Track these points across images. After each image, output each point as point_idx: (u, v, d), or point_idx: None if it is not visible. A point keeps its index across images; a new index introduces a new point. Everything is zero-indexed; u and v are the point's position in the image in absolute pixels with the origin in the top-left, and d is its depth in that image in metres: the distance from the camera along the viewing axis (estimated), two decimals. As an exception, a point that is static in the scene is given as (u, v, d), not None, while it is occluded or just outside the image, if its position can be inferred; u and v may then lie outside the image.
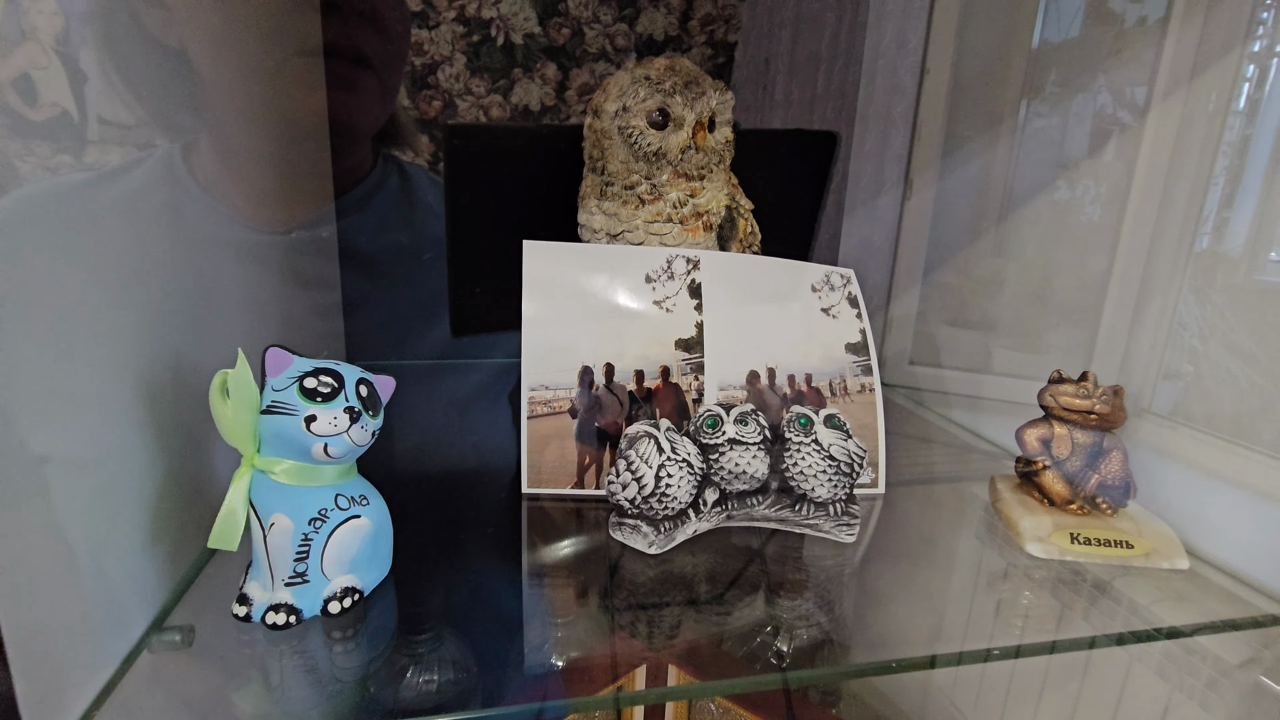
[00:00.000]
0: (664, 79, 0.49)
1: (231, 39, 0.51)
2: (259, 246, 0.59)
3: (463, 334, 0.72)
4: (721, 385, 0.51)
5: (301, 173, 0.67)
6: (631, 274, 0.51)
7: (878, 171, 0.94)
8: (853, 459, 0.44)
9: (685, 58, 0.52)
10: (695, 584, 0.41)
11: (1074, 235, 0.66)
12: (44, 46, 0.34)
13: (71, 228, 0.32)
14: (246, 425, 0.34)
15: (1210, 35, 0.53)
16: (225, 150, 0.51)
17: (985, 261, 0.76)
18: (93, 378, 0.34)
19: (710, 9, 1.19)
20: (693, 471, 0.43)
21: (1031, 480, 0.48)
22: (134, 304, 0.37)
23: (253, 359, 0.39)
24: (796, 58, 1.12)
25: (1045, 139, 0.70)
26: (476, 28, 1.11)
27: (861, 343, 0.54)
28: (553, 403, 0.49)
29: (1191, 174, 0.54)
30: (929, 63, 0.83)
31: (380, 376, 0.39)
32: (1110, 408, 0.47)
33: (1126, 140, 0.60)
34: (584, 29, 1.14)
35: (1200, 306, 0.54)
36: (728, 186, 0.55)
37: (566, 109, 1.19)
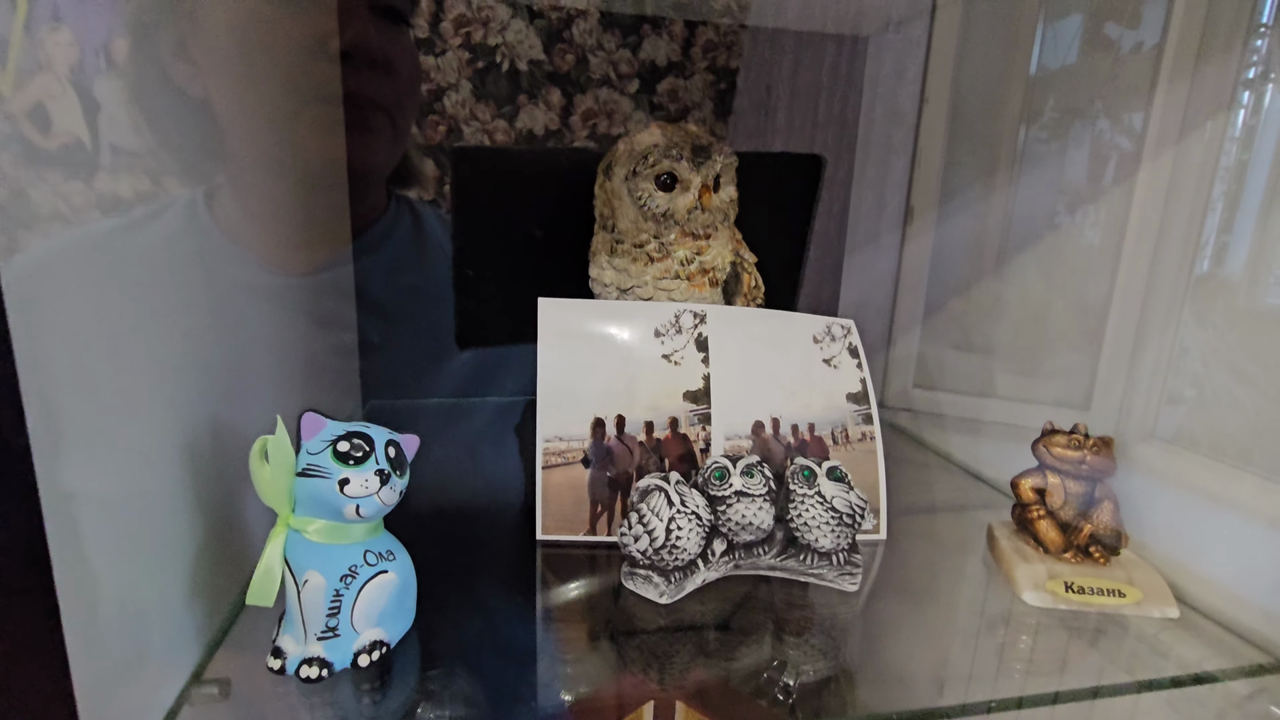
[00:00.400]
0: (672, 145, 0.52)
1: (252, 88, 0.54)
2: (280, 290, 0.61)
3: (468, 346, 0.74)
4: (728, 435, 0.53)
5: (320, 216, 0.70)
6: (641, 329, 0.54)
7: (879, 199, 0.95)
8: (854, 510, 0.46)
9: (691, 123, 0.55)
10: (704, 630, 0.43)
11: (1074, 260, 0.66)
12: (59, 76, 0.36)
13: (105, 280, 0.34)
14: (284, 487, 0.37)
15: (1205, 61, 0.55)
16: (246, 196, 0.54)
17: (987, 286, 0.77)
18: (136, 434, 0.36)
19: (712, 36, 1.22)
20: (701, 523, 0.45)
21: (1027, 528, 0.50)
22: (169, 359, 0.39)
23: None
24: (797, 85, 1.15)
25: (1044, 165, 0.71)
26: (482, 55, 1.14)
27: (862, 392, 0.56)
28: (566, 453, 0.51)
29: (1190, 199, 0.55)
30: (928, 92, 0.85)
31: (405, 436, 0.41)
32: (1101, 458, 0.49)
33: (1125, 165, 0.61)
34: (588, 56, 1.17)
35: (1201, 330, 0.54)
36: (732, 243, 0.57)
37: (571, 134, 1.21)
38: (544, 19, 1.14)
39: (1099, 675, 0.40)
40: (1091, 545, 0.48)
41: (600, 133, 1.21)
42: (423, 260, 0.82)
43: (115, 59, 0.38)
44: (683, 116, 1.25)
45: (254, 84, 0.55)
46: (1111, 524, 0.48)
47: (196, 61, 0.46)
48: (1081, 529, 0.48)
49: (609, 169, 0.55)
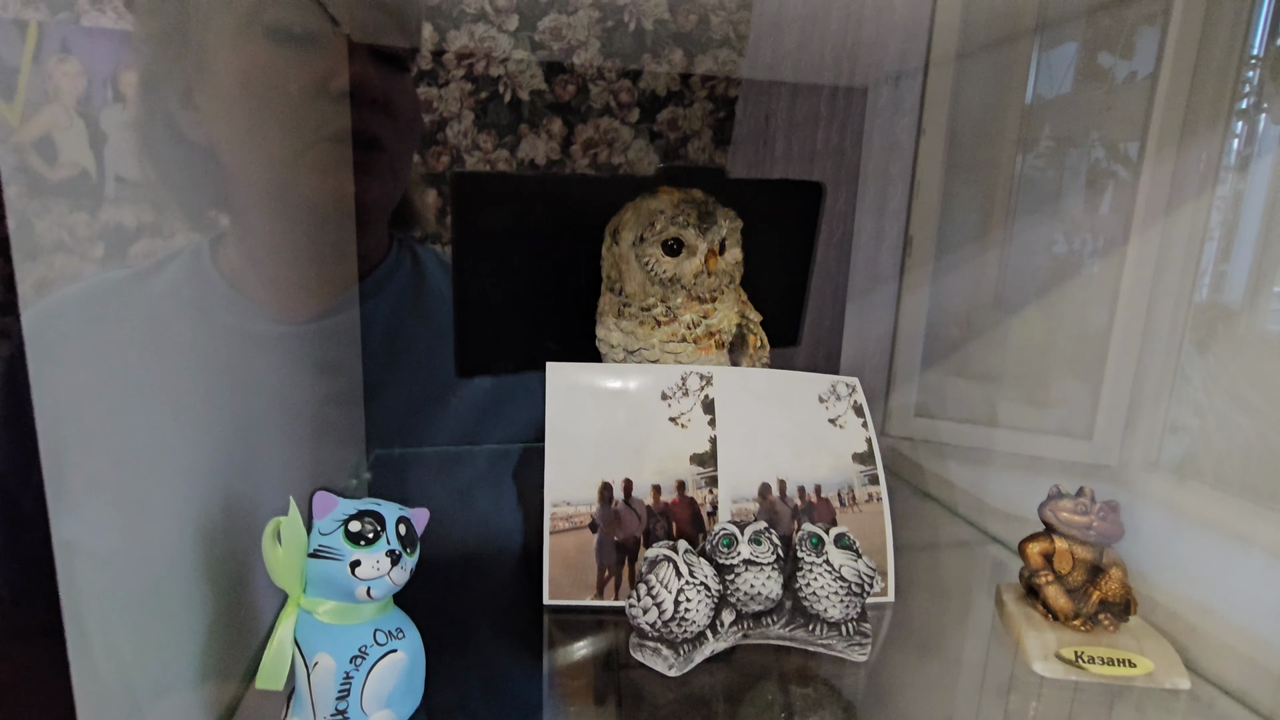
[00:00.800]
0: (678, 211, 0.53)
1: (255, 131, 0.55)
2: (285, 338, 0.61)
3: (468, 375, 0.74)
4: (735, 498, 0.53)
5: (324, 262, 0.70)
6: (648, 391, 0.54)
7: (878, 228, 0.96)
8: (863, 579, 0.46)
9: (698, 190, 0.56)
10: (713, 701, 0.43)
11: (1074, 288, 0.67)
12: (66, 108, 0.36)
13: (113, 335, 0.35)
14: (296, 569, 0.37)
15: (1199, 91, 0.55)
16: (250, 242, 0.54)
17: (987, 315, 0.77)
18: (144, 494, 0.36)
19: (711, 66, 1.23)
20: (710, 594, 0.45)
21: (1036, 594, 0.50)
22: (180, 422, 0.39)
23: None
24: (796, 115, 1.16)
25: (1042, 194, 0.72)
26: (484, 85, 1.16)
27: (868, 452, 0.57)
28: (574, 517, 0.52)
29: (1187, 227, 0.55)
30: (924, 123, 0.86)
31: (415, 511, 0.41)
32: (1107, 524, 0.49)
33: (1122, 194, 0.61)
34: (589, 85, 1.19)
35: (1202, 359, 0.54)
36: (737, 304, 0.58)
37: (571, 163, 1.23)
38: (545, 50, 1.17)
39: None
40: (1101, 613, 0.48)
41: (601, 161, 1.23)
42: (423, 305, 0.82)
43: (125, 104, 0.39)
44: (683, 145, 1.26)
45: (257, 129, 0.55)
46: (1121, 591, 0.48)
47: (201, 109, 0.47)
48: (1091, 596, 0.48)
49: (616, 234, 0.56)
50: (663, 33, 1.17)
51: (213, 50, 0.51)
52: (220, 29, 0.52)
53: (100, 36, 0.40)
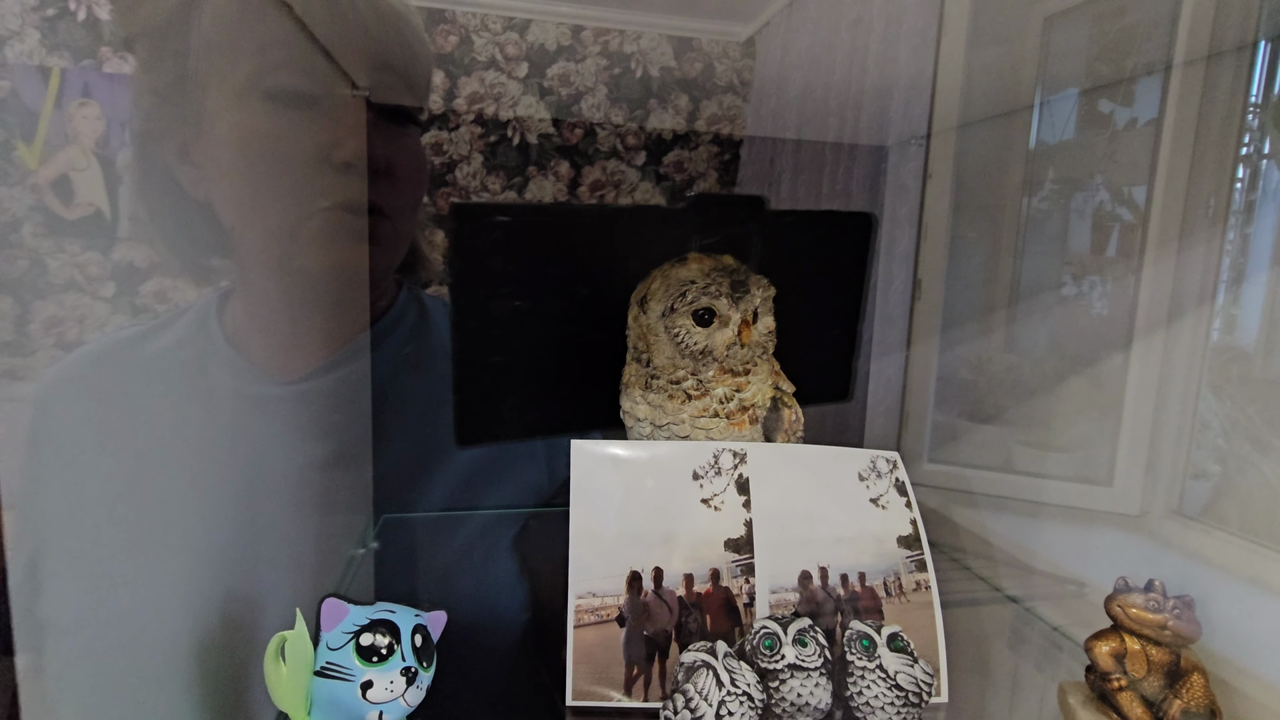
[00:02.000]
0: (710, 281, 0.51)
1: (257, 196, 0.54)
2: (287, 399, 0.59)
3: (469, 444, 0.69)
4: (773, 588, 0.49)
5: (328, 319, 0.68)
6: (679, 471, 0.51)
7: (886, 271, 0.96)
8: (921, 688, 0.42)
9: (729, 257, 0.53)
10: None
11: (1085, 331, 0.66)
12: (84, 149, 0.36)
13: (117, 404, 0.32)
14: (301, 689, 0.33)
15: (1204, 137, 0.56)
16: (251, 302, 0.52)
17: (998, 357, 0.77)
18: (135, 609, 0.33)
19: (716, 109, 1.26)
20: (754, 705, 0.40)
21: (1108, 701, 0.45)
22: (177, 505, 0.37)
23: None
24: (801, 158, 1.16)
25: (1049, 236, 0.72)
26: (494, 129, 1.18)
27: (914, 535, 0.53)
28: (600, 610, 0.48)
29: (1199, 271, 0.55)
30: (931, 166, 0.86)
31: (432, 615, 0.38)
32: (1183, 623, 0.45)
33: (1129, 237, 0.62)
34: (596, 129, 1.21)
35: (1220, 403, 0.53)
36: (771, 375, 0.55)
37: (578, 204, 1.25)
38: (554, 95, 1.18)
39: None
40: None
41: (608, 202, 1.24)
42: (430, 357, 0.79)
43: (122, 164, 0.37)
44: (688, 186, 1.27)
45: (258, 191, 0.54)
46: (1204, 700, 0.43)
47: (198, 164, 0.45)
48: (1171, 706, 0.44)
49: (644, 303, 0.53)
50: (668, 79, 1.19)
51: (216, 111, 0.50)
52: (226, 91, 0.51)
53: (118, 82, 0.39)
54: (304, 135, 0.59)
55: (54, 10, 0.37)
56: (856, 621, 0.45)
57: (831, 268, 0.64)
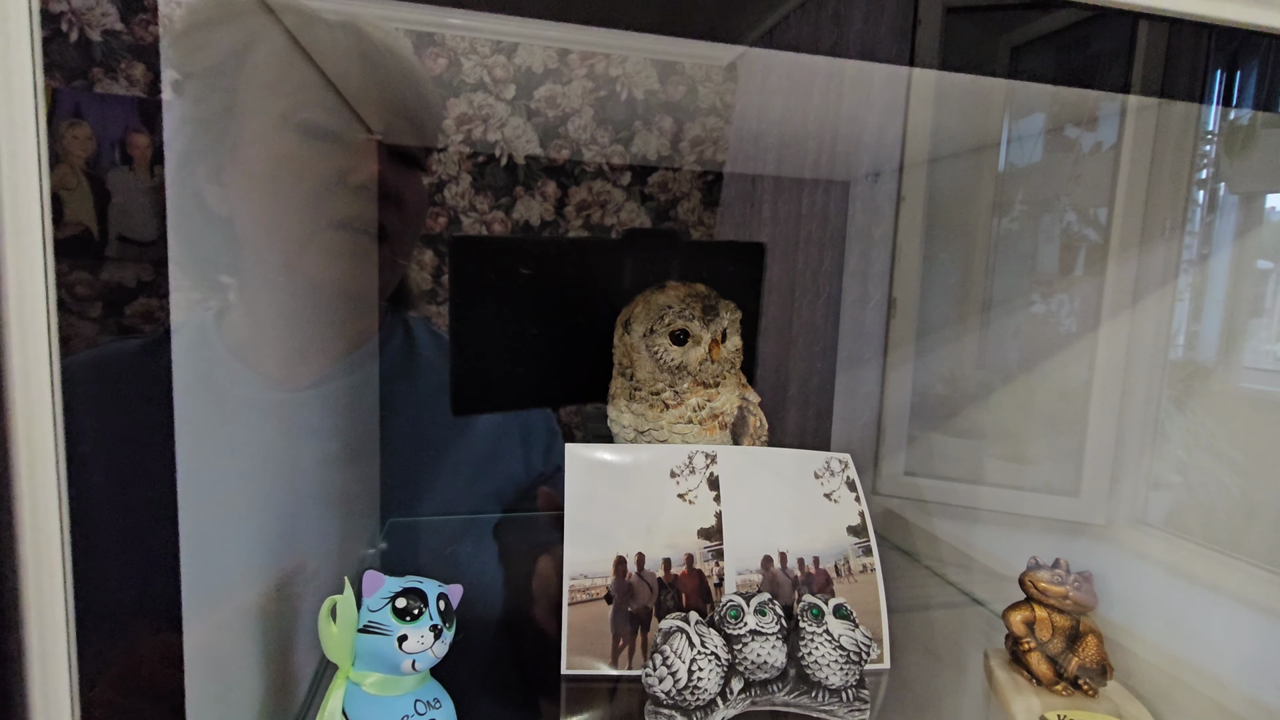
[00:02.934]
0: (685, 306, 0.59)
1: (275, 215, 0.60)
2: (292, 407, 0.65)
3: (463, 413, 0.79)
4: (739, 570, 0.57)
5: (328, 335, 0.75)
6: (658, 470, 0.59)
7: (862, 290, 0.99)
8: (861, 648, 0.50)
9: (701, 285, 0.62)
10: (725, 770, 0.46)
11: (1053, 348, 0.69)
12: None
13: (204, 409, 0.38)
14: (348, 644, 0.41)
15: (1159, 163, 0.59)
16: (257, 314, 0.57)
17: (970, 373, 0.80)
18: (218, 567, 0.39)
19: (699, 132, 1.29)
20: (720, 663, 0.48)
21: (1020, 660, 0.54)
22: (245, 492, 0.43)
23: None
24: (782, 180, 1.22)
25: (1018, 255, 0.75)
26: (482, 149, 1.22)
27: (861, 525, 0.61)
28: (590, 590, 0.55)
29: (1157, 289, 0.58)
30: (904, 190, 0.90)
31: (451, 587, 0.45)
32: (1082, 594, 0.53)
33: (1094, 256, 0.64)
34: (582, 150, 1.25)
35: (1181, 416, 0.56)
36: (738, 387, 0.63)
37: (565, 224, 1.27)
38: (541, 117, 1.23)
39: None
40: (1080, 678, 0.52)
41: (594, 222, 1.27)
42: (416, 375, 0.86)
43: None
44: (673, 206, 1.32)
45: (275, 208, 0.60)
46: (1097, 657, 0.52)
47: (227, 185, 0.51)
48: (1070, 662, 0.52)
49: (628, 324, 0.61)
50: (653, 101, 1.24)
51: (250, 140, 0.57)
52: (262, 123, 0.58)
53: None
54: (323, 166, 0.67)
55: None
56: (808, 595, 0.53)
57: (733, 286, 0.74)
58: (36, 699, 0.30)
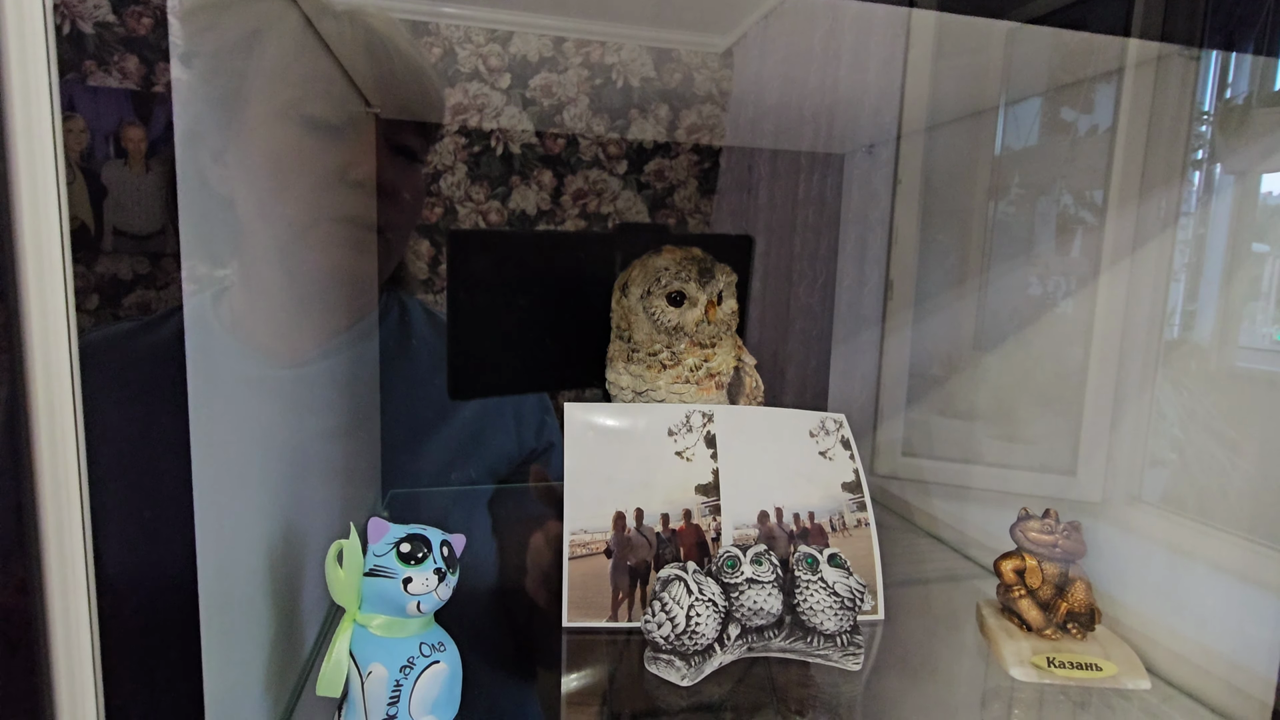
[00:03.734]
0: (681, 268, 0.60)
1: (277, 201, 0.61)
2: (292, 383, 0.66)
3: (460, 397, 0.81)
4: (736, 525, 0.58)
5: (325, 311, 0.76)
6: (656, 428, 0.60)
7: (859, 273, 1.00)
8: (854, 594, 0.51)
9: (697, 249, 0.63)
10: (722, 710, 0.47)
11: (1049, 327, 0.70)
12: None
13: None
14: (355, 587, 0.42)
15: (1155, 144, 0.59)
16: (255, 294, 0.58)
17: (968, 356, 0.81)
18: (227, 529, 0.41)
19: (695, 119, 1.29)
20: (717, 609, 0.50)
21: (1011, 607, 0.55)
22: (248, 461, 0.44)
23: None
24: (778, 165, 1.22)
25: (1015, 238, 0.76)
26: (477, 139, 1.21)
27: (855, 482, 0.62)
28: (590, 544, 0.57)
29: (1152, 269, 0.58)
30: (900, 173, 0.90)
31: (454, 536, 0.46)
32: (1071, 542, 0.54)
33: (1090, 238, 0.64)
34: (578, 139, 1.25)
35: (1177, 394, 0.56)
36: (734, 349, 0.64)
37: (562, 212, 1.27)
38: (536, 106, 1.22)
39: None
40: (1069, 622, 0.53)
41: (590, 211, 1.27)
42: (409, 351, 0.88)
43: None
44: (669, 194, 1.32)
45: (276, 196, 0.61)
46: (1086, 602, 0.53)
47: (230, 166, 0.52)
48: (1059, 607, 0.53)
49: (625, 287, 0.62)
50: (649, 89, 1.24)
51: (256, 124, 0.58)
52: (269, 109, 0.59)
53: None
54: (326, 155, 0.68)
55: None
56: (803, 546, 0.54)
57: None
58: (59, 648, 0.31)
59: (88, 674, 0.31)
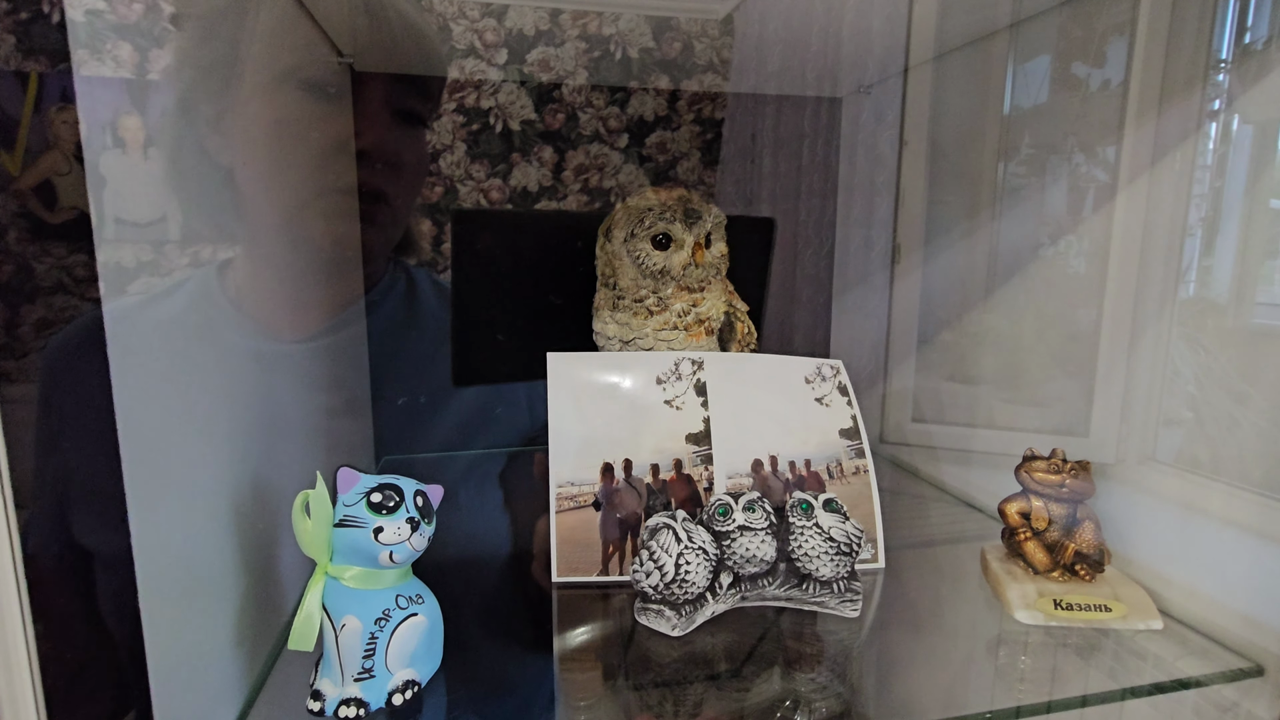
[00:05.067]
0: (666, 208, 0.57)
1: (276, 171, 0.59)
2: (292, 355, 0.65)
3: (464, 384, 0.80)
4: (729, 474, 0.56)
5: (326, 284, 0.74)
6: (644, 377, 0.58)
7: (865, 238, 0.98)
8: (851, 539, 0.49)
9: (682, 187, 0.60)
10: (715, 661, 0.45)
11: (1061, 289, 0.68)
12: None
13: (158, 348, 0.37)
14: (323, 538, 0.40)
15: (1169, 97, 0.57)
16: (259, 266, 0.57)
17: (978, 318, 0.79)
18: (188, 490, 0.39)
19: (697, 89, 1.26)
20: (708, 558, 0.48)
21: (1016, 550, 0.53)
22: (213, 422, 0.43)
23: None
24: (781, 133, 1.19)
25: (1025, 199, 0.74)
26: (476, 117, 1.19)
27: (853, 428, 0.60)
28: (578, 497, 0.55)
29: (1166, 226, 0.57)
30: (906, 134, 0.89)
31: (431, 486, 0.44)
32: (1079, 481, 0.52)
33: (1102, 196, 0.63)
34: (578, 114, 1.22)
35: (1193, 353, 0.55)
36: (724, 294, 0.62)
37: (563, 188, 1.25)
38: (534, 81, 1.20)
39: (1086, 685, 0.43)
40: (1077, 563, 0.51)
41: (592, 186, 1.25)
42: (415, 321, 0.87)
43: (156, 127, 0.41)
44: (672, 167, 1.30)
45: (276, 166, 0.60)
46: (1094, 542, 0.51)
47: (228, 135, 0.51)
48: (1066, 548, 0.51)
49: (609, 232, 0.59)
50: (648, 60, 1.20)
51: (252, 91, 0.56)
52: (265, 76, 0.57)
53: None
54: (326, 124, 0.66)
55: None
56: (798, 491, 0.52)
57: (742, 259, 0.72)
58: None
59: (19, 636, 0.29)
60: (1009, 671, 0.45)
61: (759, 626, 0.49)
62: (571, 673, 0.46)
